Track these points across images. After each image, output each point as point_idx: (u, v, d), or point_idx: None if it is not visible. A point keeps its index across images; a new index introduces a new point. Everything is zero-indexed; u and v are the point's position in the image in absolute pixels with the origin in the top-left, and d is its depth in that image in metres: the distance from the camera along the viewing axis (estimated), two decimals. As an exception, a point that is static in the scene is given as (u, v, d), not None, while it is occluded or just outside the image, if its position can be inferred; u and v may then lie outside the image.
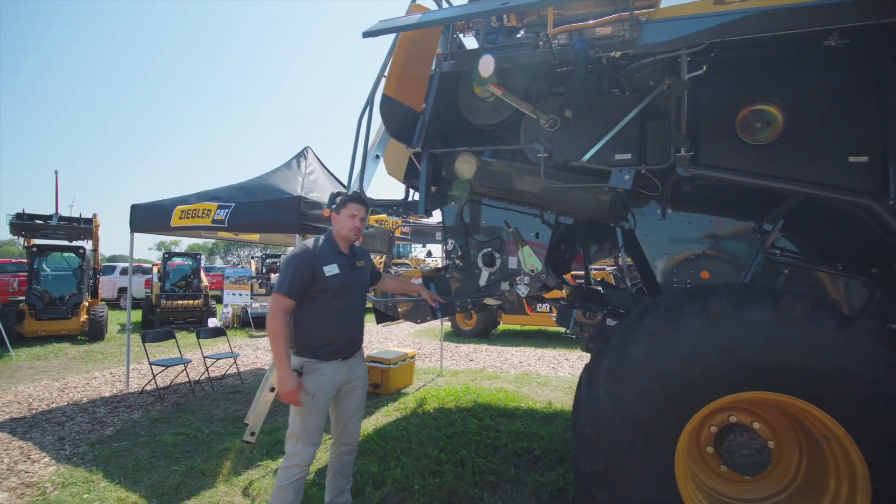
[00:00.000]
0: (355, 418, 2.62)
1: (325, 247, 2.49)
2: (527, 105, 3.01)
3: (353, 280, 2.51)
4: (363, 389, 2.66)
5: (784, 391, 1.90)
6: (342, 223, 2.53)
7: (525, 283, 3.54)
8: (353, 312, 2.54)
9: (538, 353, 8.25)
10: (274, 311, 2.29)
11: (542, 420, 4.52)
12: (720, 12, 2.08)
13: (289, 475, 2.36)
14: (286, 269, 2.36)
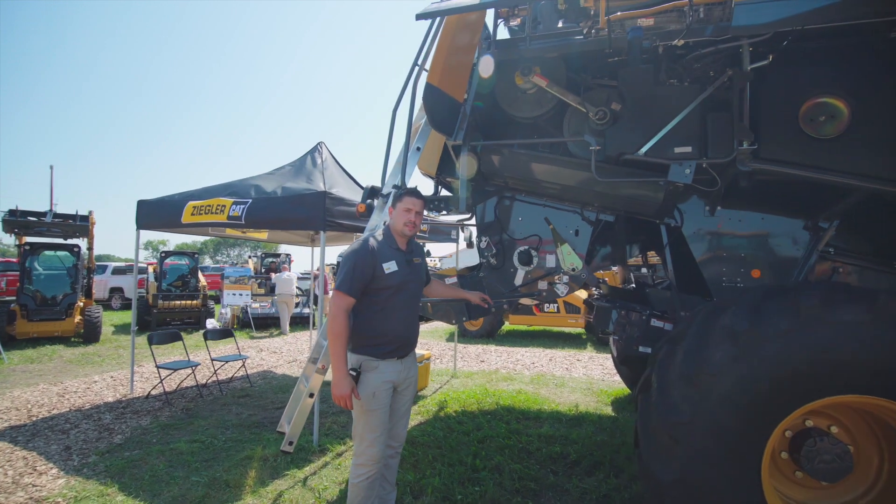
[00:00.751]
0: (404, 420, 2.55)
1: (384, 243, 2.40)
2: (574, 97, 2.90)
3: (410, 277, 2.41)
4: (413, 391, 2.58)
5: (880, 394, 1.80)
6: (398, 217, 2.44)
7: (565, 283, 3.43)
8: (411, 311, 2.45)
9: (548, 353, 8.16)
10: (336, 310, 2.21)
11: (569, 423, 4.41)
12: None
13: (359, 474, 2.32)
14: (346, 266, 2.28)
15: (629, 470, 3.39)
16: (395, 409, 2.46)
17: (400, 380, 2.39)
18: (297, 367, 7.01)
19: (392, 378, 2.34)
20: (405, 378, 2.44)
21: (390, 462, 2.55)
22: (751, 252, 2.99)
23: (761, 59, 2.44)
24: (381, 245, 2.36)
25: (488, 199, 3.42)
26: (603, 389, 5.71)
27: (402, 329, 2.36)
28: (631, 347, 3.30)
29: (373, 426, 2.27)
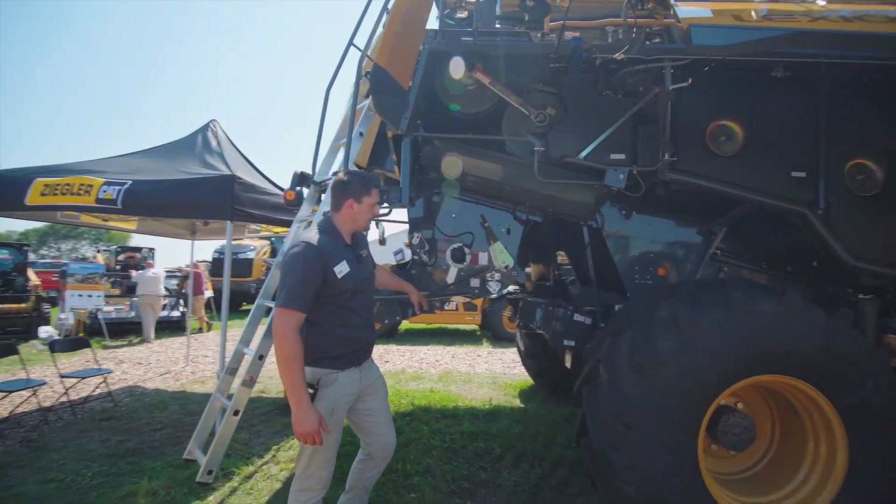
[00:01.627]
0: (387, 426, 2.32)
1: (328, 240, 2.06)
2: (516, 97, 2.94)
3: (363, 275, 2.16)
4: (385, 392, 2.36)
5: (787, 373, 2.14)
6: (364, 213, 2.16)
7: (497, 280, 3.46)
8: (368, 311, 2.21)
9: (450, 350, 8.28)
10: (286, 330, 1.85)
11: (486, 418, 4.50)
12: (768, 27, 2.24)
13: (303, 500, 2.01)
14: (291, 276, 1.93)
15: (549, 458, 3.56)
16: (372, 418, 2.26)
17: (362, 387, 2.18)
18: (172, 381, 6.04)
19: (353, 389, 2.12)
20: (369, 383, 2.23)
21: (374, 475, 2.36)
22: (657, 253, 3.35)
23: (682, 81, 2.73)
24: (326, 244, 2.03)
25: (427, 193, 3.31)
26: (507, 382, 5.97)
27: (363, 332, 2.14)
28: (556, 341, 3.47)
29: (327, 446, 2.00)
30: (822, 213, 2.76)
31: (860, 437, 2.11)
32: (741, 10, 2.56)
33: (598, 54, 2.81)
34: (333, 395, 2.01)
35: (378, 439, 2.29)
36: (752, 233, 3.34)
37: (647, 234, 3.36)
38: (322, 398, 1.98)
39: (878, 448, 2.10)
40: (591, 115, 2.87)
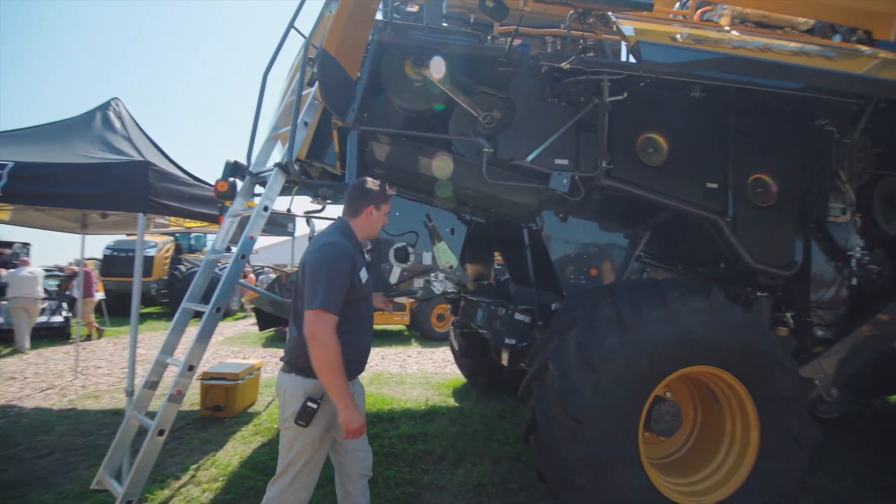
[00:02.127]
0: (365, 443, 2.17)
1: (353, 246, 2.03)
2: (464, 97, 2.94)
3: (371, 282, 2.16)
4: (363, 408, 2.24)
5: (712, 364, 2.36)
6: (380, 221, 2.18)
7: (440, 280, 3.44)
8: (372, 320, 2.20)
9: (378, 352, 8.11)
10: (328, 334, 1.75)
11: (423, 419, 4.46)
12: (702, 49, 2.43)
13: None
14: (326, 277, 1.82)
15: (489, 455, 3.61)
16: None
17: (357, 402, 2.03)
18: (57, 397, 5.22)
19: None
20: (359, 399, 2.14)
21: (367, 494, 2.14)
22: (590, 254, 3.54)
23: (618, 94, 2.91)
24: (352, 249, 1.99)
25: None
26: (440, 382, 5.98)
27: (368, 342, 2.11)
28: (498, 340, 3.53)
29: (315, 464, 1.90)
30: (730, 220, 3.10)
31: (769, 417, 2.40)
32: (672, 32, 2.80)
33: (545, 62, 2.90)
34: (333, 409, 1.84)
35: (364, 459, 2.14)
36: (670, 237, 3.66)
37: (581, 236, 3.54)
38: (322, 412, 1.85)
39: (782, 425, 2.40)
40: (537, 121, 2.96)
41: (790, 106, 3.16)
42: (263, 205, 2.39)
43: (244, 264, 2.30)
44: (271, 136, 2.74)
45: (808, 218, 3.33)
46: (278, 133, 2.82)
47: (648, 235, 3.50)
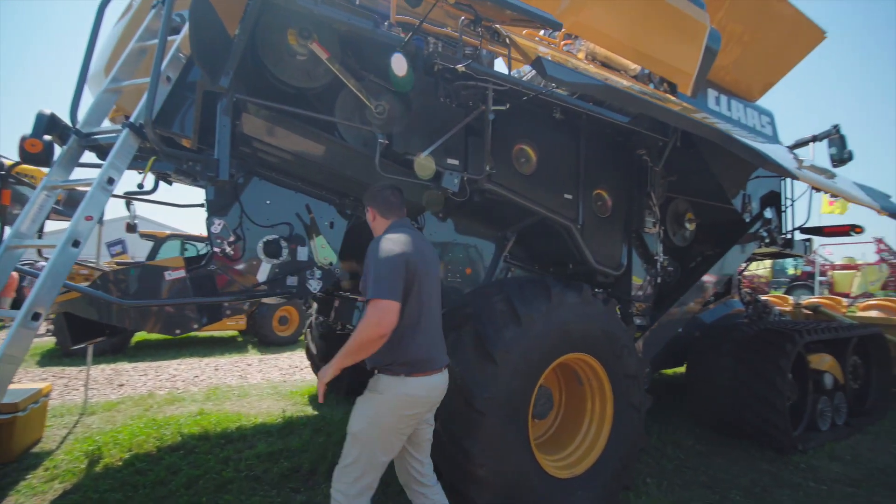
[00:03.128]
0: None
1: None
2: (356, 82, 2.77)
3: None
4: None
5: (582, 350, 2.69)
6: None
7: (318, 278, 3.16)
8: None
9: (209, 362, 7.02)
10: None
11: (281, 433, 4.01)
12: (592, 74, 2.70)
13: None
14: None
15: (363, 462, 3.44)
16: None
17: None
18: None
19: None
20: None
21: None
22: (465, 254, 3.71)
23: (501, 104, 3.11)
24: None
25: (248, 169, 2.73)
26: (291, 391, 5.49)
27: None
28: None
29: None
30: (580, 227, 3.60)
31: (620, 392, 2.85)
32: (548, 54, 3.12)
33: (439, 61, 2.92)
34: None
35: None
36: (529, 240, 4.06)
37: (457, 236, 3.67)
38: None
39: (628, 398, 2.88)
40: (430, 118, 2.96)
41: (620, 136, 3.85)
42: (107, 176, 1.81)
43: (76, 253, 1.69)
44: (109, 87, 2.10)
45: (630, 228, 4.08)
46: (120, 86, 2.19)
47: (514, 238, 3.83)
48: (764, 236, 5.03)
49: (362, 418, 2.01)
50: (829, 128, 5.68)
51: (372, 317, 1.81)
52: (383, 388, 1.98)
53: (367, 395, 2.03)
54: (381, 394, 1.98)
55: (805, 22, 4.90)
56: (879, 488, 3.19)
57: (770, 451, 3.75)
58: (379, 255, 1.94)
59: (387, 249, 1.96)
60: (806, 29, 4.94)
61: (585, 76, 2.65)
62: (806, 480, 3.29)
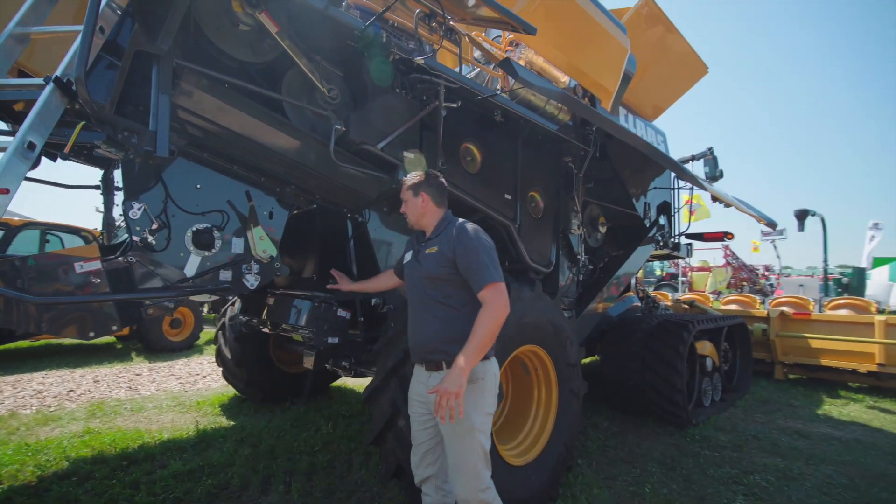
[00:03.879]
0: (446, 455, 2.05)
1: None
2: (308, 62, 2.60)
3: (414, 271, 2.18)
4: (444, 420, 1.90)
5: (534, 342, 2.82)
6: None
7: (255, 273, 2.90)
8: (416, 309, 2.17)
9: (85, 374, 5.97)
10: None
11: (196, 449, 3.56)
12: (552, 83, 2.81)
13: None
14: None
15: (300, 470, 3.23)
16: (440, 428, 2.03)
17: (422, 392, 2.05)
18: None
19: (417, 388, 2.11)
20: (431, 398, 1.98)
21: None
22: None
23: (453, 102, 3.13)
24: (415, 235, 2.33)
25: (187, 143, 2.39)
26: (198, 401, 4.92)
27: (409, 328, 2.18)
28: (320, 339, 3.20)
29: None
30: (517, 226, 3.78)
31: (563, 380, 3.04)
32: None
33: (396, 52, 2.85)
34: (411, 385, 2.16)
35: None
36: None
37: (401, 230, 3.61)
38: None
39: (569, 385, 3.08)
40: (387, 108, 2.87)
41: (549, 143, 4.12)
42: (26, 140, 1.44)
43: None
44: (15, 32, 1.68)
45: (558, 229, 4.38)
46: (28, 31, 1.76)
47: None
48: (659, 240, 5.74)
49: (477, 410, 1.95)
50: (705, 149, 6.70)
51: (500, 299, 1.91)
52: (483, 373, 1.98)
53: (468, 388, 1.91)
54: (483, 380, 1.98)
55: (693, 56, 5.70)
56: (757, 451, 3.83)
57: (670, 426, 4.28)
58: (481, 242, 2.03)
59: (483, 236, 2.07)
60: (693, 62, 5.76)
61: (550, 83, 2.79)
62: (702, 449, 3.82)
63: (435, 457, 2.09)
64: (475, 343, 1.85)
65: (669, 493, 3.03)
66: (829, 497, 3.01)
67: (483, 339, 1.87)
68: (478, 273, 1.94)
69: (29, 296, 1.84)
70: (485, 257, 1.97)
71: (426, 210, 2.21)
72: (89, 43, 1.59)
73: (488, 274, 1.93)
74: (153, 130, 2.00)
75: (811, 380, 6.43)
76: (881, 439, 4.17)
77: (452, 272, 2.01)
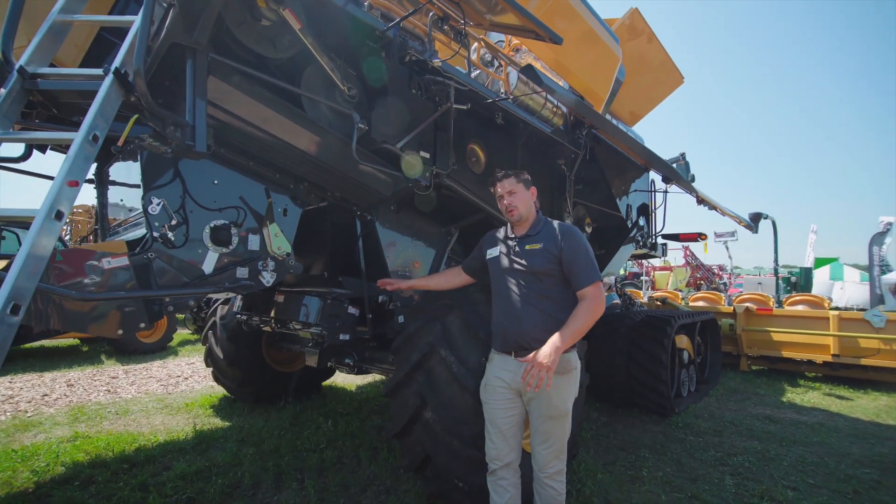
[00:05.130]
0: (539, 442, 2.15)
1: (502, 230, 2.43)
2: (328, 60, 2.63)
3: (513, 265, 2.24)
4: (544, 408, 2.10)
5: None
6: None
7: (271, 270, 2.91)
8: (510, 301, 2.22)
9: (55, 377, 5.66)
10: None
11: (197, 450, 3.49)
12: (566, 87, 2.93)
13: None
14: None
15: (309, 467, 3.23)
16: (530, 423, 2.17)
17: (512, 380, 2.11)
18: None
19: (503, 376, 2.15)
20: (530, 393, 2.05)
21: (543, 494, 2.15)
22: (414, 248, 3.73)
23: (463, 104, 3.22)
24: (496, 233, 2.46)
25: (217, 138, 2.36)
26: (186, 402, 4.79)
27: (504, 321, 2.19)
28: (333, 337, 3.22)
29: (486, 418, 2.21)
30: None
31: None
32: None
33: (413, 53, 2.92)
34: (487, 372, 2.26)
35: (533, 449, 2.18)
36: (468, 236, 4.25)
37: (407, 230, 3.68)
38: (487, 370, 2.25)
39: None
40: (404, 109, 2.92)
41: (544, 146, 4.27)
42: (91, 133, 1.41)
43: (59, 227, 1.27)
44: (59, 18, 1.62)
45: (552, 228, 4.54)
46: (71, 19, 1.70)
47: (458, 234, 3.98)
48: (639, 240, 6.03)
49: (568, 397, 2.12)
50: (678, 154, 7.09)
51: (599, 298, 2.06)
52: (574, 362, 2.13)
53: (565, 377, 2.09)
54: (575, 368, 2.13)
55: (670, 65, 6.03)
56: (735, 435, 4.13)
57: (655, 416, 4.54)
58: (586, 243, 2.18)
59: (584, 237, 2.22)
60: (670, 72, 6.09)
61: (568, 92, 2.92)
62: (686, 435, 4.09)
63: (516, 441, 2.18)
64: (572, 330, 1.98)
65: (665, 476, 3.24)
66: (805, 474, 3.31)
67: (578, 329, 2.00)
68: (583, 272, 2.08)
69: (74, 292, 1.79)
70: (590, 258, 2.14)
71: (529, 205, 2.33)
72: (147, 34, 1.58)
73: (593, 274, 2.09)
74: (191, 125, 1.98)
75: (772, 370, 6.93)
76: (841, 423, 4.58)
77: (557, 268, 2.13)
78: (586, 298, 2.06)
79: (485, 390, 2.23)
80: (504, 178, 2.37)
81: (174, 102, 2.14)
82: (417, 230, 3.72)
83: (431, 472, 2.46)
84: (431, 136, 3.12)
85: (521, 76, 3.27)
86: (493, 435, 2.15)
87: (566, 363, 2.08)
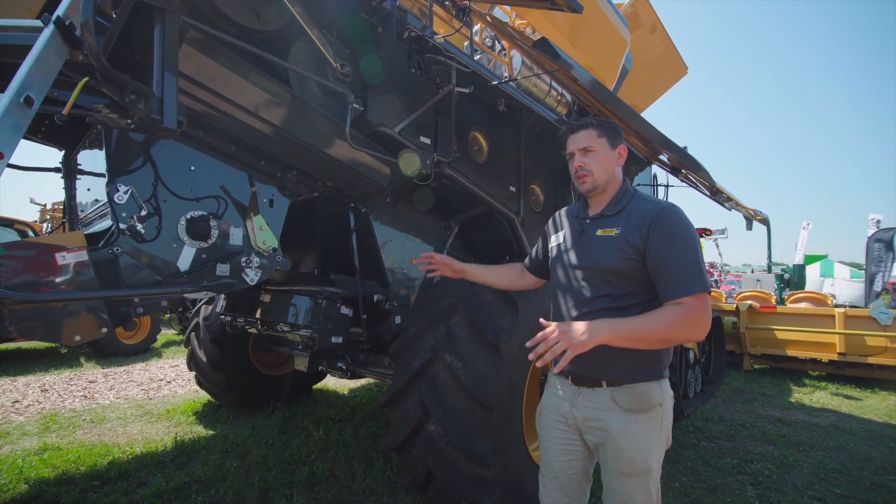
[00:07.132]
0: (614, 490, 1.50)
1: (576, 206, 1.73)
2: (319, 34, 2.36)
3: (574, 254, 1.59)
4: (616, 450, 1.46)
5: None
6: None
7: (255, 267, 2.63)
8: (567, 303, 1.59)
9: (28, 382, 5.32)
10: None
11: (176, 463, 3.21)
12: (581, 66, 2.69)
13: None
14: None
15: (298, 482, 2.97)
16: (602, 477, 1.55)
17: (568, 413, 1.55)
18: None
19: (554, 403, 1.61)
20: (583, 418, 1.51)
21: None
22: (411, 243, 3.48)
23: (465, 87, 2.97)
24: (569, 210, 1.74)
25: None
26: (168, 408, 4.49)
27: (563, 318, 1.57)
28: (324, 339, 2.96)
29: (541, 455, 1.67)
30: (521, 220, 3.68)
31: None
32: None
33: (412, 28, 2.67)
34: (543, 396, 1.71)
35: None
36: (469, 231, 4.00)
37: (404, 224, 3.42)
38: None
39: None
40: (402, 89, 2.67)
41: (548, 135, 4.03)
42: (24, 93, 1.14)
43: None
44: None
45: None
46: None
47: (458, 228, 3.73)
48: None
49: (648, 448, 1.45)
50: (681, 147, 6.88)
51: (703, 313, 1.34)
52: (658, 398, 1.48)
53: (642, 417, 1.45)
54: (661, 405, 1.48)
55: (675, 55, 5.82)
56: (749, 439, 3.94)
57: (664, 419, 4.33)
58: (693, 235, 1.43)
59: (691, 225, 1.46)
60: (675, 62, 5.88)
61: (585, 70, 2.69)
62: (699, 440, 3.89)
63: (580, 496, 1.62)
64: (642, 327, 1.33)
65: (682, 486, 3.03)
66: (829, 483, 3.12)
67: (651, 330, 1.33)
68: (682, 276, 1.36)
69: (17, 294, 1.51)
70: (696, 257, 1.39)
71: (616, 171, 1.59)
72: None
73: (697, 281, 1.35)
74: (158, 97, 1.70)
75: (775, 369, 6.79)
76: (854, 424, 4.42)
77: (638, 266, 1.45)
78: (683, 306, 1.35)
79: (539, 420, 1.69)
80: (580, 128, 1.59)
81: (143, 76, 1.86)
82: (415, 224, 3.47)
83: (435, 490, 2.22)
84: (432, 120, 2.87)
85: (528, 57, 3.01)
86: (548, 480, 1.61)
87: (644, 396, 1.45)
